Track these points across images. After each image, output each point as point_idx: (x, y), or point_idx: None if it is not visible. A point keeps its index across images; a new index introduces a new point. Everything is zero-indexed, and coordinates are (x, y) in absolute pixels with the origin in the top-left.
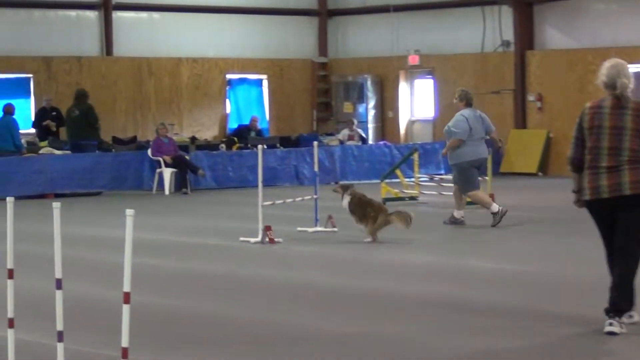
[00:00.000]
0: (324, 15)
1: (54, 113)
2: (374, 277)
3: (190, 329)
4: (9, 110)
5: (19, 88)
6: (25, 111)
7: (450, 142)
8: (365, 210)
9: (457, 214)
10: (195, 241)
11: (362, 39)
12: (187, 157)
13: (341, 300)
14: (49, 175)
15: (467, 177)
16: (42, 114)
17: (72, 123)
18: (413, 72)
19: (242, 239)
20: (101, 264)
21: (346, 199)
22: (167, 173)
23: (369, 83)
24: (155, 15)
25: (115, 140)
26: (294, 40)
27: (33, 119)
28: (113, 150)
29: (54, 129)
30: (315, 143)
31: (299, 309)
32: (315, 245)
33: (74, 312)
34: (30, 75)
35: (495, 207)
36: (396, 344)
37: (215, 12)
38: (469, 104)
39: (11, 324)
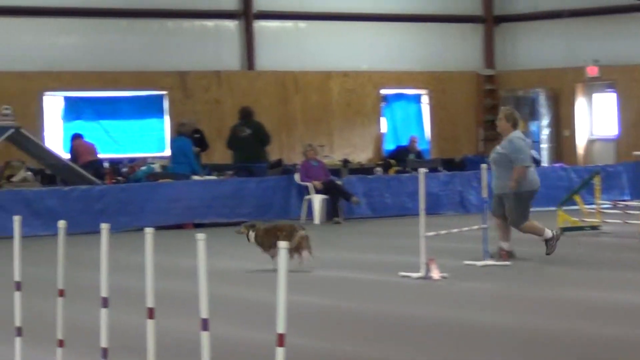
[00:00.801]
0: (490, 22)
1: (197, 135)
2: (559, 317)
3: None
4: (182, 130)
5: (152, 106)
6: (159, 132)
7: (519, 172)
8: (275, 236)
9: (506, 245)
10: (350, 276)
11: (533, 48)
12: (339, 183)
13: (517, 344)
14: (187, 203)
15: (524, 208)
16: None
17: (242, 143)
18: (592, 85)
19: (402, 273)
20: (249, 302)
21: (252, 235)
22: (317, 200)
23: (541, 98)
24: (302, 24)
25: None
26: (456, 50)
27: (167, 140)
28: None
29: (198, 154)
30: (483, 166)
31: (468, 354)
32: (485, 281)
33: (220, 356)
34: (164, 92)
35: (548, 233)
36: None
37: (369, 20)
38: (516, 125)
39: None
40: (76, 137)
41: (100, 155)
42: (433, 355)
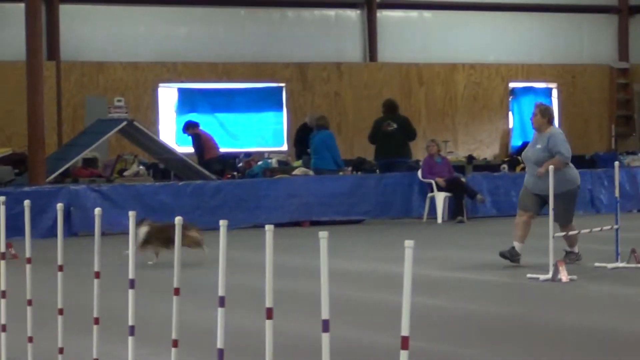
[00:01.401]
0: (625, 12)
1: None
2: None
3: None
4: (323, 123)
5: (270, 99)
6: (277, 125)
7: (558, 162)
8: (168, 233)
9: (519, 247)
10: (474, 278)
11: None
12: (463, 180)
13: None
14: (304, 200)
15: (573, 205)
16: (304, 133)
17: (387, 138)
18: None
19: (529, 275)
20: (369, 302)
21: (143, 230)
22: (440, 198)
23: None
24: (427, 14)
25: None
26: (588, 42)
27: (285, 133)
28: (377, 171)
29: None
30: (616, 163)
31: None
32: (616, 284)
33: (340, 358)
34: (283, 84)
35: (576, 247)
36: None
37: (496, 10)
38: (551, 121)
39: None
40: (192, 126)
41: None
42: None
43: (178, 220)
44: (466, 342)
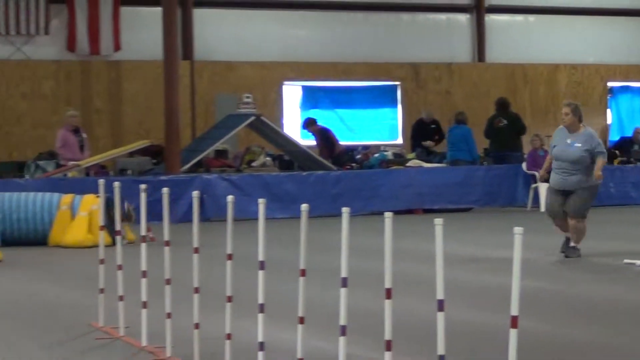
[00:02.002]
0: None
1: (433, 126)
2: None
3: (568, 355)
4: (461, 118)
5: (386, 96)
6: (392, 121)
7: (604, 163)
8: None
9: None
10: (574, 262)
11: None
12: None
13: None
14: (417, 190)
15: (592, 201)
16: (420, 128)
17: (499, 134)
18: None
19: (626, 261)
20: (480, 285)
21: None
22: (543, 188)
23: None
24: (531, 18)
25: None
26: None
27: (400, 128)
28: (485, 164)
29: (433, 148)
30: None
31: None
32: None
33: (454, 337)
34: (398, 82)
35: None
36: None
37: (596, 15)
38: (581, 119)
39: (388, 346)
40: (312, 123)
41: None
42: None
43: (304, 207)
44: (569, 323)
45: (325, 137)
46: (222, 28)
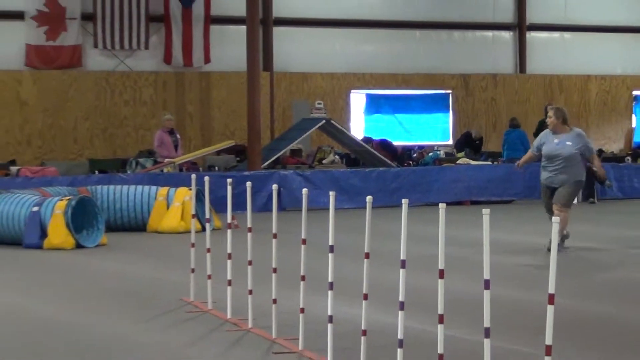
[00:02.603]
0: None
1: (478, 142)
2: None
3: (600, 331)
4: (516, 123)
5: (439, 103)
6: (444, 124)
7: (597, 160)
8: None
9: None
10: (601, 247)
11: None
12: (594, 169)
13: None
14: (466, 184)
15: (577, 194)
16: (466, 141)
17: None
18: None
19: None
20: (520, 268)
21: None
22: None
23: None
24: (566, 35)
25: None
26: None
27: (451, 130)
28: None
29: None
30: None
31: None
32: None
33: (497, 313)
34: (449, 91)
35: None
36: None
37: (623, 32)
38: (566, 121)
39: (441, 319)
40: (368, 141)
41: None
42: None
43: (368, 199)
44: (600, 301)
45: (385, 146)
46: (297, 44)
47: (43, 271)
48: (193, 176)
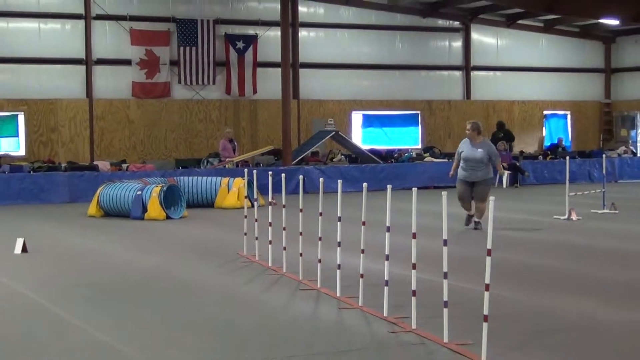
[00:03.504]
0: (609, 72)
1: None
2: None
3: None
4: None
5: (412, 120)
6: (415, 134)
7: (500, 162)
8: None
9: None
10: (521, 217)
11: (635, 86)
12: (518, 164)
13: (634, 258)
14: (430, 175)
15: (489, 189)
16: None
17: (496, 142)
18: None
19: (555, 217)
20: (467, 232)
21: None
22: (505, 174)
23: (638, 116)
24: (498, 73)
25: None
26: (588, 88)
27: (420, 138)
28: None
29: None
30: (603, 155)
31: (603, 264)
32: (604, 222)
33: (453, 263)
34: (419, 112)
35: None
36: None
37: (537, 71)
38: (480, 133)
39: (414, 266)
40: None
41: (383, 147)
42: (577, 262)
43: (364, 185)
44: (525, 253)
45: (374, 151)
46: (316, 80)
47: (144, 235)
48: (245, 170)
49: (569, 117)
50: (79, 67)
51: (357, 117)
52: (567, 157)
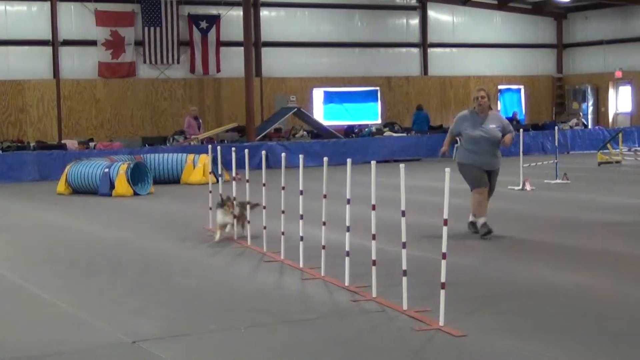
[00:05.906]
0: (560, 47)
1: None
2: (604, 211)
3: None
4: (422, 107)
5: (371, 96)
6: (375, 109)
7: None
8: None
9: (483, 220)
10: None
11: (585, 61)
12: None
13: (585, 224)
14: (389, 149)
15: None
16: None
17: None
18: (618, 82)
19: (509, 187)
20: (432, 204)
21: (236, 209)
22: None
23: (589, 90)
24: (454, 50)
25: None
26: (539, 64)
27: (379, 114)
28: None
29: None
30: (556, 127)
31: (562, 232)
32: (556, 191)
33: (412, 232)
34: (378, 88)
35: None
36: None
37: (491, 47)
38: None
39: (374, 237)
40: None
41: (344, 123)
42: (528, 230)
43: (325, 160)
44: (506, 230)
45: (335, 127)
46: (278, 58)
47: (112, 211)
48: (210, 147)
49: (522, 91)
50: (46, 48)
51: (318, 94)
52: (521, 130)
